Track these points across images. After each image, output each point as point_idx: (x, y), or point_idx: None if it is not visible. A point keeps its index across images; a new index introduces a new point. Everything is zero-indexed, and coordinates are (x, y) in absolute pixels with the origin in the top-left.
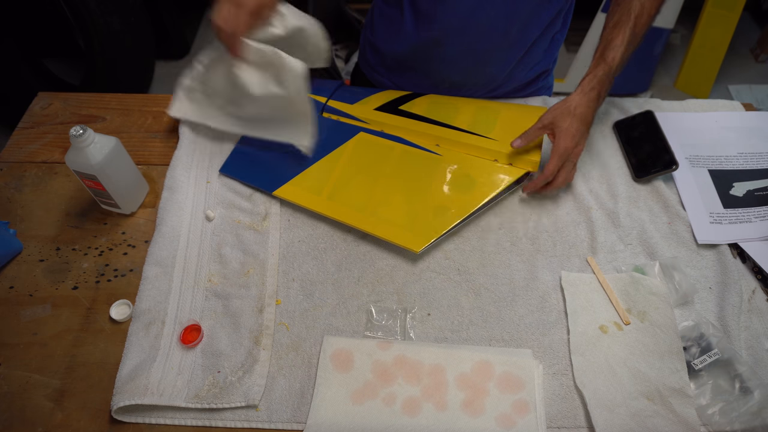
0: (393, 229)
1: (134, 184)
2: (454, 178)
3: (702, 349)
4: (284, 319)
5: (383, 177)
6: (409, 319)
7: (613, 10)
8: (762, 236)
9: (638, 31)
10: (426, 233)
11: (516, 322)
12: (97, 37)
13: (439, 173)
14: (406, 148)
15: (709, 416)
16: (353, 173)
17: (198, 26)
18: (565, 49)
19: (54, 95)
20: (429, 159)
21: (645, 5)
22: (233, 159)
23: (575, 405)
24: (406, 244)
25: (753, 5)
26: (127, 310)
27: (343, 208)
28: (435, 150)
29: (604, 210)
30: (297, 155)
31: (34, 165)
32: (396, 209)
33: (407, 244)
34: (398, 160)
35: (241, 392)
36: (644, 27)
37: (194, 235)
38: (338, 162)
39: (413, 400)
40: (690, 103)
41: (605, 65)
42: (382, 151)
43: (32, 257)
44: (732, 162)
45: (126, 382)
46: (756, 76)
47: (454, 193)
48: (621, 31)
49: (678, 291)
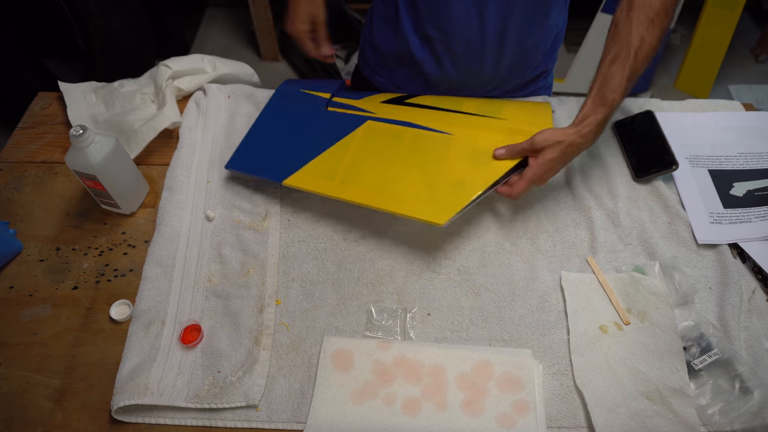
0: (413, 205)
1: (134, 184)
2: (470, 153)
3: (702, 349)
4: (284, 319)
5: (396, 158)
6: (409, 319)
7: (610, 43)
8: (762, 236)
9: (638, 67)
10: (448, 206)
11: (516, 322)
12: (97, 37)
13: (453, 150)
14: (417, 131)
15: (709, 416)
16: (365, 157)
17: (198, 26)
18: (565, 49)
19: (54, 95)
20: (441, 139)
21: (645, 38)
22: (238, 154)
23: (575, 405)
24: (429, 219)
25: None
26: (127, 310)
27: (358, 189)
28: (446, 131)
29: (604, 210)
30: (305, 146)
31: (34, 165)
32: (414, 186)
33: (431, 218)
34: (410, 142)
35: (241, 392)
36: (645, 60)
37: (194, 235)
38: (348, 148)
39: (413, 400)
40: (690, 103)
41: (605, 108)
42: (392, 135)
43: (32, 257)
44: (732, 162)
45: (126, 382)
46: (756, 76)
47: (471, 167)
48: (620, 67)
49: (678, 291)
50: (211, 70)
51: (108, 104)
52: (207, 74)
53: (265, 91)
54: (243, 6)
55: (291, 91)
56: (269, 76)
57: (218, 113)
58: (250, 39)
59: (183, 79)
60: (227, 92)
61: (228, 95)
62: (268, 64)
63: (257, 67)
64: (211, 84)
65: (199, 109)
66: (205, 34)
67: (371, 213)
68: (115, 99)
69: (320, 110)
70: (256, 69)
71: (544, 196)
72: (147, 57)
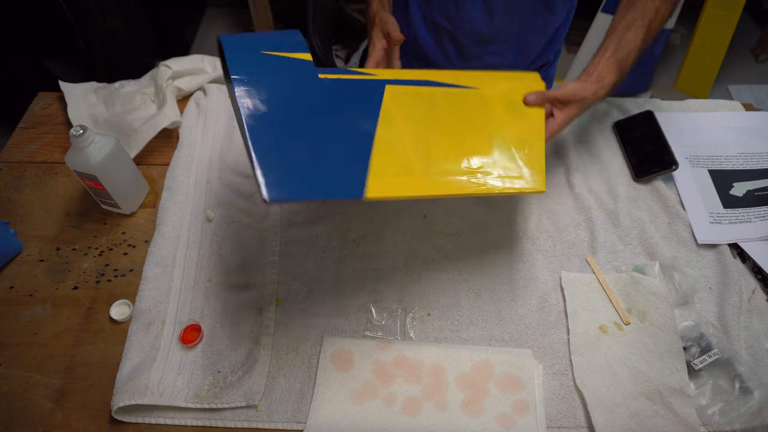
0: (507, 179)
1: (134, 184)
2: (506, 106)
3: (702, 349)
4: (284, 319)
5: (447, 125)
6: (409, 319)
7: (624, 9)
8: (762, 236)
9: (650, 38)
10: (535, 169)
11: (516, 322)
12: (97, 37)
13: (492, 105)
14: (446, 90)
15: (709, 416)
16: (421, 135)
17: (198, 26)
18: (565, 49)
19: (54, 95)
20: (472, 95)
21: (660, 10)
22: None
23: (575, 405)
24: (532, 189)
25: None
26: (127, 310)
27: (446, 180)
28: (468, 85)
29: (604, 210)
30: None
31: (34, 165)
32: (492, 159)
33: (532, 188)
34: (447, 103)
35: (241, 392)
36: (655, 33)
37: (194, 235)
38: (394, 126)
39: (413, 400)
40: (690, 103)
41: (618, 73)
42: (424, 98)
43: (32, 257)
44: (732, 162)
45: (126, 382)
46: (756, 76)
47: (517, 121)
48: (635, 35)
49: (678, 291)
50: (211, 70)
51: (108, 104)
52: (207, 74)
53: None
54: (243, 6)
55: (246, 55)
56: None
57: (218, 113)
58: None
59: (183, 79)
60: (227, 92)
61: (228, 95)
62: None
63: None
64: (211, 84)
65: (199, 109)
66: (205, 34)
67: (371, 213)
68: (116, 99)
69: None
70: None
71: (544, 195)
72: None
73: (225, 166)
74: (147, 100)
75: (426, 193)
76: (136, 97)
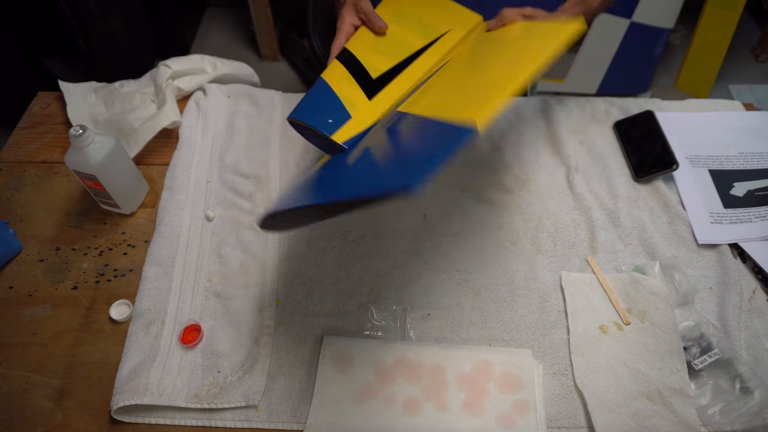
0: (546, 39)
1: (134, 184)
2: (502, 47)
3: (702, 349)
4: (284, 319)
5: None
6: (409, 319)
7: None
8: (762, 236)
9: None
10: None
11: (516, 322)
12: (97, 37)
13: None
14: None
15: (709, 416)
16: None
17: (198, 26)
18: None
19: (54, 95)
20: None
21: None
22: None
23: (575, 405)
24: (572, 27)
25: (753, 5)
26: (126, 310)
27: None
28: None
29: (604, 210)
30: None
31: (34, 165)
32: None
33: (572, 25)
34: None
35: (241, 392)
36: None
37: (194, 235)
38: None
39: (413, 401)
40: (690, 103)
41: (584, 5)
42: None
43: (32, 257)
44: (732, 162)
45: (126, 382)
46: (756, 76)
47: (528, 35)
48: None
49: (678, 291)
50: (211, 70)
51: (108, 104)
52: (207, 74)
53: (265, 91)
54: (243, 6)
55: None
56: (269, 76)
57: (218, 113)
58: (250, 39)
59: (183, 79)
60: (227, 92)
61: (228, 95)
62: (268, 64)
63: (257, 67)
64: (211, 84)
65: (199, 109)
66: (205, 34)
67: (371, 213)
68: (115, 99)
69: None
70: (256, 69)
71: (544, 195)
72: (147, 57)
73: (225, 166)
74: (147, 99)
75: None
76: (136, 97)
